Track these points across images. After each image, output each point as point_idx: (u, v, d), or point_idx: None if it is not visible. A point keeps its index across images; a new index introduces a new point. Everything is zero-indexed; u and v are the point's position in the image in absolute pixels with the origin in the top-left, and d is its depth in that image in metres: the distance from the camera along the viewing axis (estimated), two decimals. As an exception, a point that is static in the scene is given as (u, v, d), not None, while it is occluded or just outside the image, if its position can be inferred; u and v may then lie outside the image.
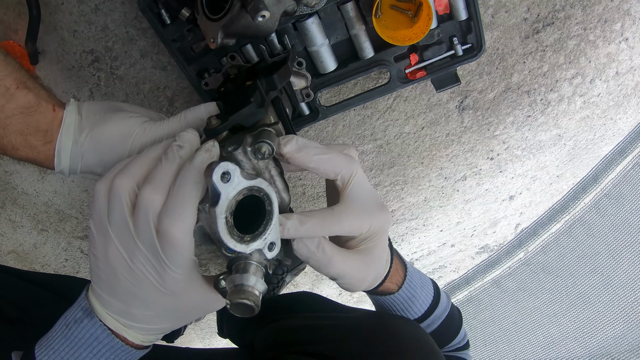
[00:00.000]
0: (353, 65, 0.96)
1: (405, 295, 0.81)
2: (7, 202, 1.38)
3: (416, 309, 0.84)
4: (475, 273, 1.69)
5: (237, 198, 0.50)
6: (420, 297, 0.84)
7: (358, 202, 0.66)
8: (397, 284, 0.80)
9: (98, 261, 0.57)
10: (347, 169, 0.65)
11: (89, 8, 1.00)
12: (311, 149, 0.62)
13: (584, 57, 1.17)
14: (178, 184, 0.53)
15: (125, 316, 0.60)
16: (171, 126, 0.69)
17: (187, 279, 0.57)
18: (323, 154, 0.63)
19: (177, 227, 0.52)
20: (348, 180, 0.65)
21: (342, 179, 0.65)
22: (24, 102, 0.69)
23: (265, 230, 0.53)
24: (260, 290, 0.52)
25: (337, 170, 0.64)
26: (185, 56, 0.93)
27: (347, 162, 0.65)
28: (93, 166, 0.72)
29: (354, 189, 0.66)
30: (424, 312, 0.85)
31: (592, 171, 1.46)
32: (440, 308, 0.87)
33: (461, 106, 1.21)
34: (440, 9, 0.91)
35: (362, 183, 0.67)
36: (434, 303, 0.86)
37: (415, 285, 0.83)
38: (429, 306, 0.85)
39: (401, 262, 0.82)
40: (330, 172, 0.64)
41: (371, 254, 0.68)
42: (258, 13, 0.65)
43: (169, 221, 0.52)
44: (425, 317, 0.85)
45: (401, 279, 0.81)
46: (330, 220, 0.62)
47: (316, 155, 0.62)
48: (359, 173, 0.66)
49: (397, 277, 0.80)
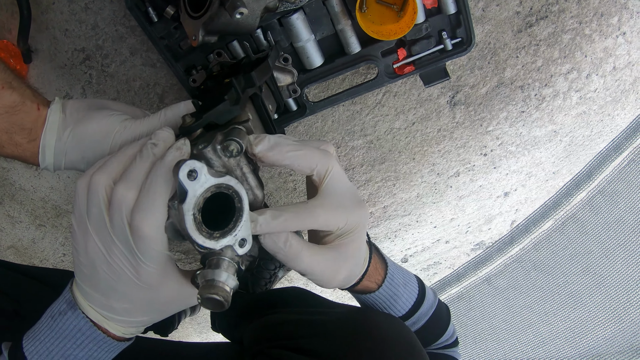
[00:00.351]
0: (340, 60, 0.96)
1: (386, 293, 0.81)
2: (5, 198, 1.40)
3: (399, 307, 0.83)
4: (467, 270, 1.69)
5: (205, 195, 0.51)
6: (403, 295, 0.83)
7: (334, 197, 0.66)
8: (377, 282, 0.80)
9: (79, 255, 0.59)
10: (322, 164, 0.65)
11: (79, 7, 1.01)
12: (284, 146, 0.62)
13: (580, 51, 1.16)
14: (149, 181, 0.54)
15: (106, 309, 0.61)
16: (150, 124, 0.70)
17: (162, 272, 0.58)
18: (297, 150, 0.63)
19: (147, 223, 0.53)
20: (324, 175, 0.65)
21: (317, 174, 0.65)
22: (8, 102, 0.70)
23: (235, 227, 0.53)
24: (231, 286, 0.53)
25: (312, 166, 0.64)
26: (172, 53, 0.93)
27: (323, 157, 0.65)
28: (76, 162, 0.73)
29: (330, 184, 0.66)
30: (407, 310, 0.84)
31: (586, 167, 1.44)
32: (425, 305, 0.86)
33: (452, 101, 1.21)
34: (429, 2, 0.90)
35: (339, 178, 0.67)
36: (419, 301, 0.86)
37: (397, 283, 0.83)
38: (413, 304, 0.85)
39: (382, 260, 0.82)
40: (305, 167, 0.64)
41: (345, 250, 0.68)
42: (236, 10, 0.66)
43: (140, 217, 0.53)
44: (410, 315, 0.85)
45: (381, 277, 0.81)
46: (304, 214, 0.62)
47: (289, 152, 0.62)
48: (336, 168, 0.66)
49: (376, 275, 0.80)
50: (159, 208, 0.54)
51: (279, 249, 0.62)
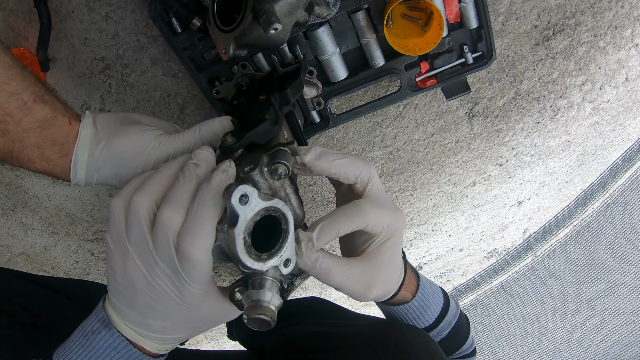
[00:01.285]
0: (364, 73, 0.97)
1: (418, 304, 0.81)
2: (18, 205, 1.39)
3: (427, 317, 0.83)
4: (483, 277, 1.69)
5: (255, 219, 0.51)
6: (432, 305, 0.84)
7: (378, 200, 0.67)
8: (412, 292, 0.80)
9: (116, 274, 0.58)
10: (366, 171, 0.66)
11: (100, 16, 1.01)
12: (330, 155, 0.64)
13: (594, 63, 1.16)
14: (197, 204, 0.54)
15: (143, 327, 0.61)
16: (185, 140, 0.70)
17: (205, 292, 0.58)
18: (342, 159, 0.65)
19: (196, 247, 0.53)
20: (367, 181, 0.67)
21: (361, 180, 0.67)
22: (40, 116, 0.70)
23: (281, 248, 0.54)
24: (276, 305, 0.53)
25: (356, 173, 0.66)
26: (196, 64, 0.93)
27: (366, 165, 0.67)
28: (108, 178, 0.72)
29: (373, 189, 0.67)
30: (433, 320, 0.84)
31: (600, 177, 1.45)
32: (449, 316, 0.87)
33: (471, 113, 1.21)
34: (451, 17, 0.91)
35: (379, 185, 0.68)
36: (444, 311, 0.86)
37: (428, 293, 0.83)
38: (438, 314, 0.85)
39: (413, 270, 0.82)
40: (350, 175, 0.66)
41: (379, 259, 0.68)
42: (270, 26, 0.65)
43: (189, 241, 0.53)
44: (435, 325, 0.85)
45: (415, 286, 0.81)
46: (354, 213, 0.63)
47: (336, 161, 0.64)
48: (376, 175, 0.68)
49: (411, 285, 0.80)
50: (208, 232, 0.54)
51: (309, 268, 0.62)
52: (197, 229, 0.53)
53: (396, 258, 0.71)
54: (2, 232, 1.49)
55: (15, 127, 0.68)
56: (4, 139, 0.69)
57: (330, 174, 0.65)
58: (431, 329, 0.85)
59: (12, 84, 0.67)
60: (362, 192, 0.67)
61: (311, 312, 1.08)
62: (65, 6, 1.00)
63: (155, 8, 0.86)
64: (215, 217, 0.54)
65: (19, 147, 0.70)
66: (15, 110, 0.67)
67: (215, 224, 0.54)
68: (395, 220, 0.67)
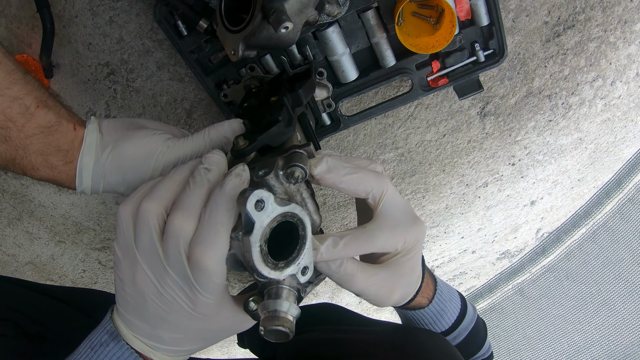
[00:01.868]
0: (374, 74, 0.95)
1: (434, 309, 0.80)
2: (24, 215, 1.38)
3: (444, 322, 0.82)
4: (498, 281, 1.66)
5: (271, 225, 0.49)
6: (449, 310, 0.82)
7: (391, 218, 0.65)
8: (428, 298, 0.79)
9: (124, 285, 0.56)
10: (377, 188, 0.64)
11: (104, 20, 0.99)
12: (340, 169, 0.61)
13: (605, 59, 1.14)
14: (209, 211, 0.52)
15: (153, 339, 0.59)
16: (195, 144, 0.68)
17: (218, 302, 0.56)
18: (352, 174, 0.62)
19: (209, 256, 0.51)
20: (379, 198, 0.64)
21: (373, 197, 0.64)
22: (44, 122, 0.68)
23: (298, 256, 0.51)
24: (294, 316, 0.51)
25: (367, 190, 0.63)
26: (203, 68, 0.92)
27: (378, 180, 0.64)
28: (115, 185, 0.70)
29: (386, 206, 0.65)
30: (450, 325, 0.83)
31: (615, 175, 1.42)
32: (466, 320, 0.85)
33: (483, 112, 1.19)
34: (462, 14, 0.89)
35: (393, 199, 0.65)
36: (461, 315, 0.84)
37: (445, 298, 0.81)
38: (455, 319, 0.83)
39: (430, 275, 0.81)
40: (361, 191, 0.63)
41: (402, 268, 0.67)
42: (281, 25, 0.63)
43: (202, 250, 0.51)
44: (452, 330, 0.83)
45: (432, 292, 0.79)
46: (362, 239, 0.61)
47: (346, 176, 0.61)
48: (390, 189, 0.65)
49: (428, 291, 0.79)
50: (221, 241, 0.51)
51: (333, 273, 0.61)
52: (210, 237, 0.51)
53: (417, 267, 0.71)
54: (8, 242, 1.47)
55: (18, 133, 0.66)
56: (6, 145, 0.67)
57: (339, 188, 0.63)
58: (447, 333, 0.83)
59: (14, 88, 0.65)
60: (373, 210, 0.65)
61: (324, 318, 1.06)
62: (69, 11, 0.98)
63: (160, 10, 0.85)
64: (229, 224, 0.52)
65: (22, 154, 0.68)
66: (17, 115, 0.65)
67: (229, 232, 0.52)
68: (414, 234, 0.66)
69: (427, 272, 0.79)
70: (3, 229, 1.43)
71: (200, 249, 0.51)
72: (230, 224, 0.52)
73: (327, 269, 0.60)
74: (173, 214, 0.53)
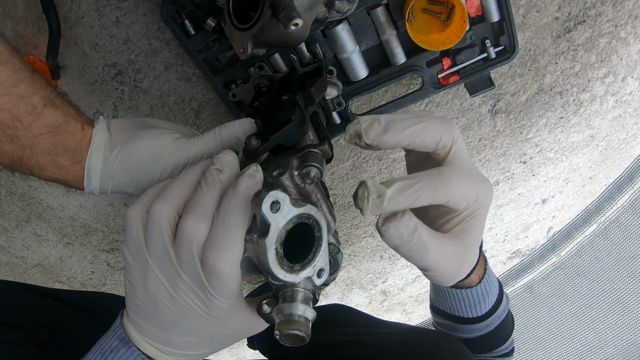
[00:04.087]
0: (385, 71, 0.93)
1: (481, 290, 0.72)
2: (32, 217, 1.37)
3: (484, 305, 0.75)
4: (507, 278, 1.63)
5: (287, 227, 0.47)
6: (492, 293, 0.75)
7: (465, 166, 0.56)
8: (479, 276, 0.71)
9: (135, 289, 0.55)
10: (447, 134, 0.55)
11: (110, 21, 0.98)
12: (399, 123, 0.52)
13: (616, 54, 1.13)
14: (222, 213, 0.50)
15: (165, 343, 0.58)
16: (205, 144, 0.67)
17: (233, 306, 0.55)
18: (415, 125, 0.53)
19: (224, 260, 0.49)
20: (452, 145, 0.55)
21: (443, 146, 0.55)
22: (51, 121, 0.67)
23: (314, 258, 0.50)
24: (309, 319, 0.49)
25: (436, 139, 0.54)
26: (211, 67, 0.91)
27: (447, 126, 0.55)
28: (124, 186, 0.69)
29: (458, 154, 0.56)
30: (488, 310, 0.76)
31: (627, 170, 1.40)
32: (501, 308, 0.79)
33: (494, 110, 1.18)
34: (472, 10, 0.88)
35: (464, 150, 0.57)
36: (498, 302, 0.78)
37: (491, 280, 0.74)
38: (493, 304, 0.77)
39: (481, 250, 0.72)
40: (429, 142, 0.54)
41: (469, 237, 0.57)
42: (291, 21, 0.62)
43: (216, 253, 0.49)
44: (488, 315, 0.77)
45: (483, 270, 0.71)
46: (439, 182, 0.51)
47: (408, 129, 0.52)
48: (461, 138, 0.57)
49: (480, 268, 0.70)
50: (236, 244, 0.50)
51: (404, 242, 0.52)
52: (224, 240, 0.50)
53: (479, 239, 0.61)
54: (17, 244, 1.47)
55: (25, 132, 0.65)
56: (13, 145, 0.66)
57: (403, 146, 0.54)
58: (482, 319, 0.77)
59: (21, 87, 0.64)
60: (443, 159, 0.56)
61: (334, 320, 1.05)
62: (75, 12, 0.98)
63: (167, 10, 0.84)
64: (243, 226, 0.50)
65: (29, 154, 0.67)
66: (24, 114, 0.64)
67: (243, 234, 0.50)
68: (484, 193, 0.56)
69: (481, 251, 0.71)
70: (11, 231, 1.43)
71: (214, 252, 0.49)
72: (245, 226, 0.51)
73: (399, 238, 0.51)
74: (185, 217, 0.51)
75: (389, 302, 1.71)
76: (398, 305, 1.74)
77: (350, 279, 1.62)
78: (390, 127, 0.52)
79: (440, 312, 0.81)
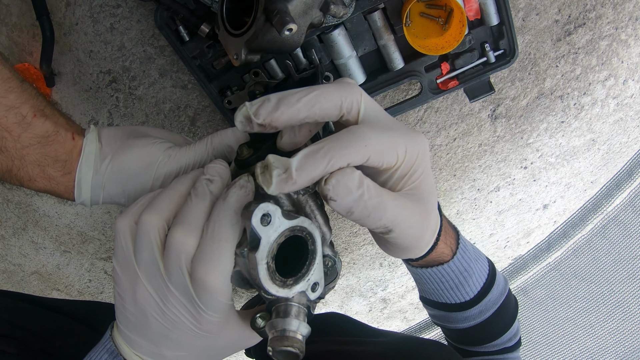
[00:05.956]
0: (382, 77, 0.92)
1: (458, 267, 0.67)
2: (29, 225, 1.36)
3: (469, 288, 0.70)
4: (500, 280, 1.59)
5: (279, 241, 0.46)
6: (475, 272, 0.69)
7: (381, 121, 0.50)
8: (451, 248, 0.66)
9: (124, 302, 0.53)
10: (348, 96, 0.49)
11: (104, 27, 0.97)
12: (291, 95, 0.47)
13: (616, 57, 1.12)
14: (212, 226, 0.49)
15: (156, 357, 0.56)
16: (197, 152, 0.65)
17: (224, 320, 0.53)
18: (308, 94, 0.47)
19: (213, 275, 0.48)
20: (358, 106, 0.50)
21: (347, 110, 0.49)
22: (41, 131, 0.65)
23: (308, 271, 0.48)
24: (303, 334, 0.48)
25: (337, 102, 0.48)
26: (206, 74, 0.90)
27: (345, 87, 0.49)
28: (115, 197, 0.68)
29: (368, 112, 0.50)
30: (476, 293, 0.72)
31: (626, 166, 1.36)
32: (495, 292, 0.74)
33: (494, 115, 1.16)
34: (471, 14, 0.87)
35: (374, 106, 0.51)
36: (488, 283, 0.73)
37: (470, 257, 0.68)
38: (482, 287, 0.72)
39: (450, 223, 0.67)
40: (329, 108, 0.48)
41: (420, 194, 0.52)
42: (285, 26, 0.60)
43: (205, 268, 0.48)
44: (477, 300, 0.72)
45: (454, 240, 0.66)
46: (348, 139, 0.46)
47: (302, 99, 0.46)
48: (366, 96, 0.50)
49: (449, 238, 0.65)
50: (226, 258, 0.48)
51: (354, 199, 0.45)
52: (213, 254, 0.48)
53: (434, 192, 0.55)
54: (14, 252, 1.46)
55: (14, 143, 0.64)
56: (2, 156, 0.64)
57: (300, 120, 0.47)
58: (472, 304, 0.73)
59: (9, 97, 0.62)
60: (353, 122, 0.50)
61: (332, 328, 1.04)
62: (69, 19, 0.97)
63: (161, 16, 0.83)
64: (234, 239, 0.49)
65: (19, 165, 0.65)
66: (13, 125, 0.63)
67: (233, 248, 0.49)
68: (413, 143, 0.50)
69: (444, 217, 0.64)
70: (8, 238, 1.42)
71: (203, 266, 0.48)
72: (235, 239, 0.49)
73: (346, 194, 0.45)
74: (174, 229, 0.50)
75: (389, 309, 1.70)
76: (398, 313, 1.72)
77: (349, 287, 1.60)
78: (282, 101, 0.46)
79: (429, 301, 0.77)
